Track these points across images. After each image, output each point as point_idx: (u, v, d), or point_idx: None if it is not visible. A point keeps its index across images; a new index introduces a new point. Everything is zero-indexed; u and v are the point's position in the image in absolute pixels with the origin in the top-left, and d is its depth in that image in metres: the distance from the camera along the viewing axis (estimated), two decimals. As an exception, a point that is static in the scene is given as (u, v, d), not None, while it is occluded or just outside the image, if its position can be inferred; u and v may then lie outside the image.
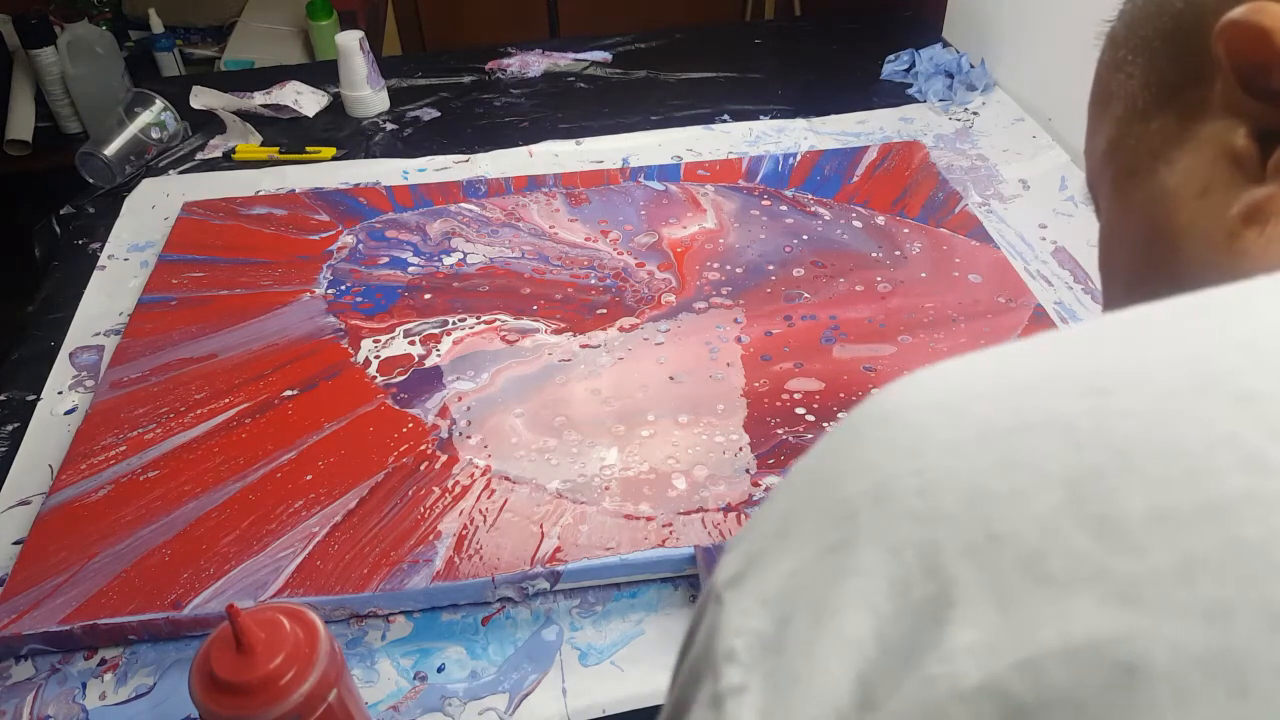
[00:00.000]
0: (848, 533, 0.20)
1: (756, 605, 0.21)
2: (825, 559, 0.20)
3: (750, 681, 0.20)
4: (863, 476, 0.21)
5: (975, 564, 0.18)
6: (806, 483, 0.22)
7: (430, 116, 1.19)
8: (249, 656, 0.46)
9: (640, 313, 0.85)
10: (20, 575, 0.64)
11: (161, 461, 0.72)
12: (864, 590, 0.19)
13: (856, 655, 0.18)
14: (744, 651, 0.20)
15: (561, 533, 0.65)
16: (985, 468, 0.19)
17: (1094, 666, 0.16)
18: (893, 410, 0.21)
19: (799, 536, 0.21)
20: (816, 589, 0.20)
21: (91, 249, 0.98)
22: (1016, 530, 0.18)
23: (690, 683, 0.22)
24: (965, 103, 1.17)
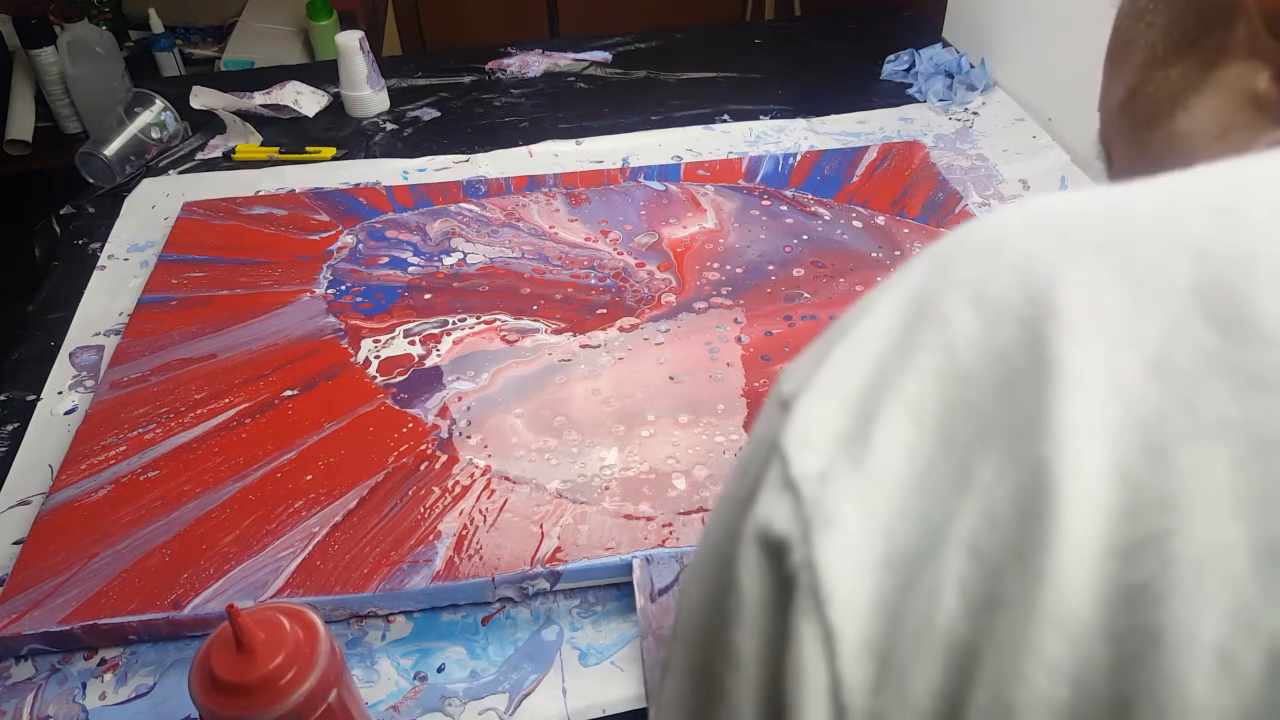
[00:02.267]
0: (932, 309, 0.19)
1: (829, 403, 0.19)
2: (903, 341, 0.19)
3: (834, 468, 0.18)
4: (955, 290, 0.19)
5: (1085, 354, 0.17)
6: (880, 302, 0.21)
7: (430, 116, 1.19)
8: (249, 656, 0.46)
9: (640, 313, 0.85)
10: (20, 575, 0.64)
11: (161, 461, 0.72)
12: (944, 353, 0.18)
13: (940, 432, 0.18)
14: (823, 440, 0.19)
15: (561, 533, 0.65)
16: (1103, 278, 0.18)
17: (1226, 451, 0.15)
18: (995, 235, 0.20)
19: (874, 335, 0.20)
20: (894, 375, 0.19)
21: (91, 249, 0.98)
22: (1138, 335, 0.17)
23: (744, 477, 0.20)
24: (965, 103, 1.17)
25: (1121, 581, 0.15)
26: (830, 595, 0.17)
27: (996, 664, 0.16)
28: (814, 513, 0.18)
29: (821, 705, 0.17)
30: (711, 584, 0.20)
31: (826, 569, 0.17)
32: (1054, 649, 0.15)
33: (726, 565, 0.20)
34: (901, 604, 0.17)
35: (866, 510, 0.18)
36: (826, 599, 0.17)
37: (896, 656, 0.17)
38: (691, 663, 0.21)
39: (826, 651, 0.17)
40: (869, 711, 0.17)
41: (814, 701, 0.17)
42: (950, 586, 0.16)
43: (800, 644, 0.17)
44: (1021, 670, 0.15)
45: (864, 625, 0.17)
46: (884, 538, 0.17)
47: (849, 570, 0.17)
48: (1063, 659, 0.15)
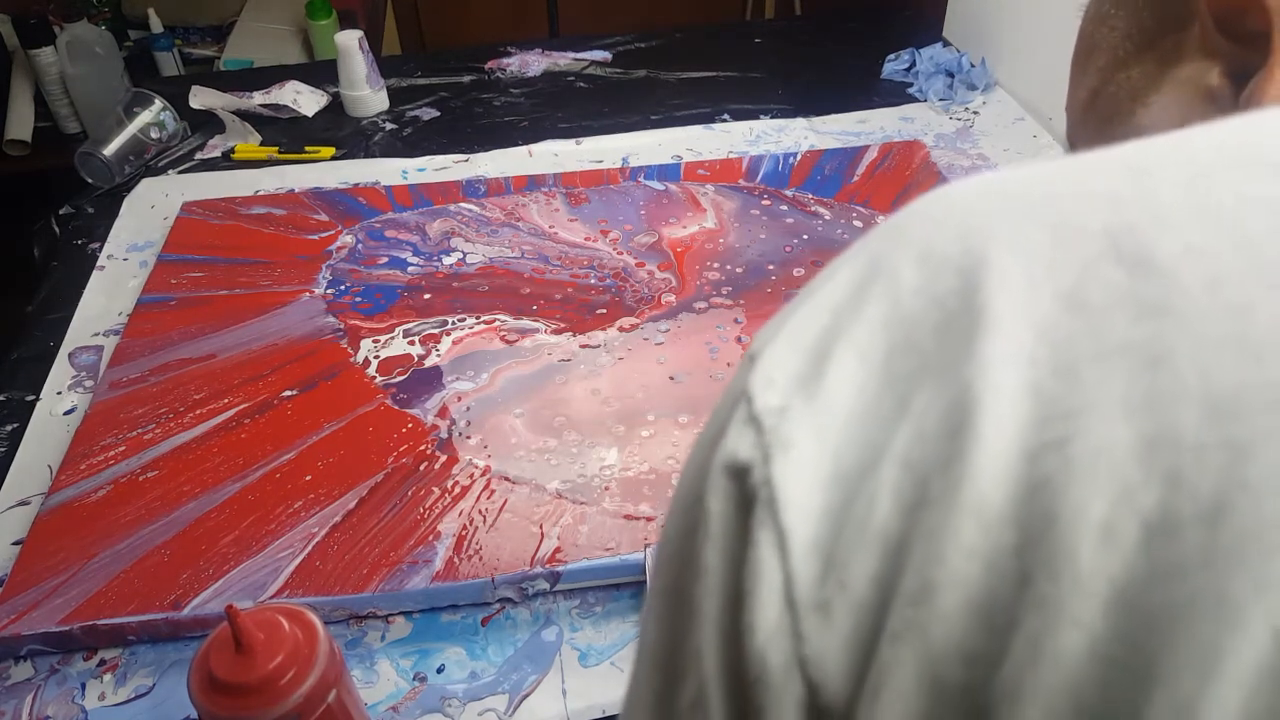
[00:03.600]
0: (884, 267, 0.22)
1: (790, 350, 0.22)
2: (856, 295, 0.21)
3: (791, 403, 0.21)
4: (904, 249, 0.22)
5: (1009, 295, 0.20)
6: (842, 267, 0.23)
7: (430, 116, 1.19)
8: (248, 657, 0.46)
9: (640, 313, 0.84)
10: (19, 576, 0.63)
11: (161, 462, 0.72)
12: (890, 303, 0.21)
13: (885, 369, 0.20)
14: (783, 380, 0.21)
15: (561, 533, 0.65)
16: (1030, 230, 0.21)
17: (1122, 367, 0.18)
18: (945, 202, 0.23)
19: (831, 293, 0.22)
20: (847, 323, 0.21)
21: (91, 249, 0.98)
22: (1056, 275, 0.20)
23: (715, 421, 0.23)
24: (966, 102, 1.17)
25: (1029, 478, 0.18)
26: (784, 505, 0.20)
27: (921, 551, 0.18)
28: (773, 440, 0.20)
29: (775, 597, 0.19)
30: (683, 516, 0.23)
31: (781, 484, 0.20)
32: (969, 535, 0.18)
33: (697, 497, 0.22)
34: (845, 512, 0.19)
35: (818, 436, 0.20)
36: (781, 508, 0.20)
37: (839, 554, 0.19)
38: (665, 585, 0.23)
39: (780, 553, 0.20)
40: (814, 601, 0.19)
41: (768, 595, 0.19)
42: (886, 493, 0.19)
43: (757, 547, 0.20)
44: (942, 554, 0.18)
45: (812, 530, 0.19)
46: (832, 459, 0.20)
47: (801, 485, 0.20)
48: (976, 542, 0.18)
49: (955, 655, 0.18)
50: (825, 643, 0.19)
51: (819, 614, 0.19)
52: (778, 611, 0.19)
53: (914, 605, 0.18)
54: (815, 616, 0.19)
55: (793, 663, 0.19)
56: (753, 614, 0.20)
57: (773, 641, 0.19)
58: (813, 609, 0.19)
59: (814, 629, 0.19)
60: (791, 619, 0.19)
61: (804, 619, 0.19)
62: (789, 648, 0.19)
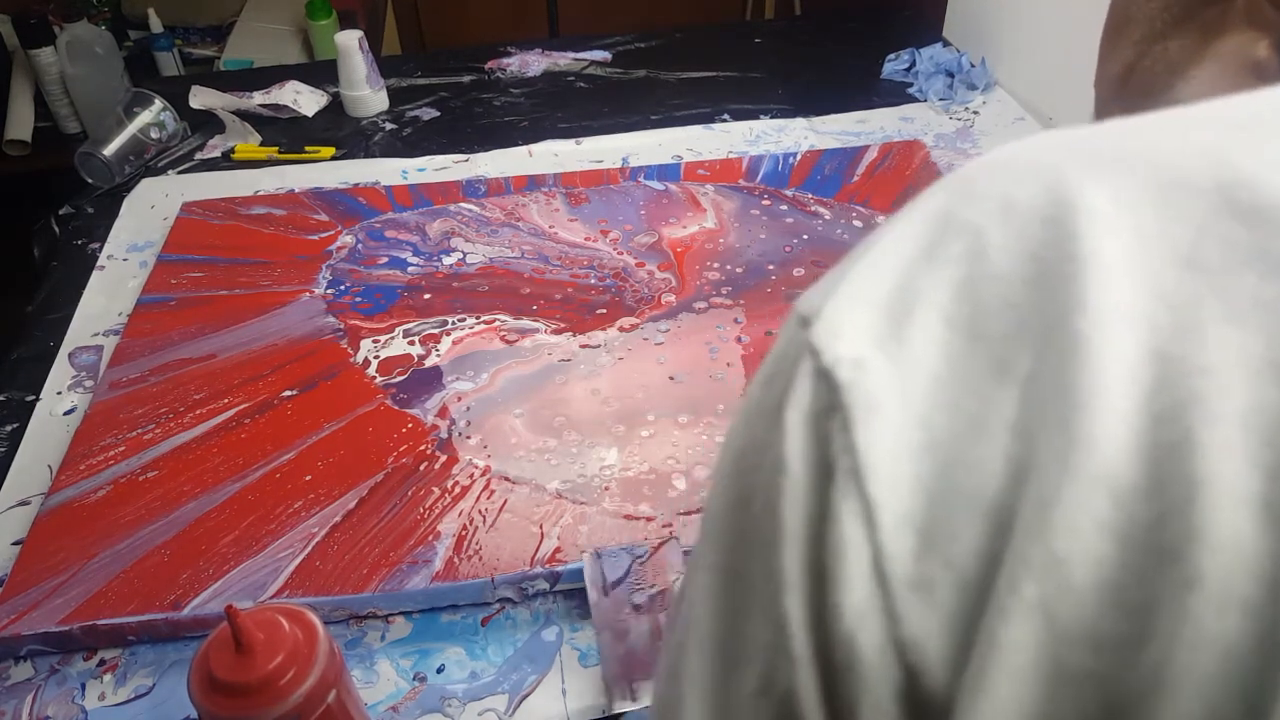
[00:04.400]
0: (958, 222, 0.20)
1: (858, 307, 0.20)
2: (930, 254, 0.20)
3: (869, 359, 0.19)
4: (980, 203, 0.20)
5: (1116, 245, 0.18)
6: (903, 225, 0.21)
7: (430, 116, 1.19)
8: (248, 657, 0.45)
9: (640, 312, 0.84)
10: (19, 576, 0.63)
11: (161, 462, 0.72)
12: (972, 260, 0.19)
13: (975, 331, 0.19)
14: (854, 335, 0.19)
15: (561, 533, 0.65)
16: (1128, 184, 0.19)
17: (1259, 326, 0.17)
18: (1014, 155, 0.21)
19: (898, 252, 0.20)
20: (923, 284, 0.20)
21: (91, 249, 0.98)
22: (1167, 232, 0.18)
23: (769, 388, 0.21)
24: (966, 102, 1.17)
25: (1163, 444, 0.16)
26: (870, 474, 0.18)
27: (1040, 524, 0.16)
28: (853, 399, 0.19)
29: (863, 574, 0.18)
30: (738, 483, 0.21)
31: (867, 452, 0.18)
32: (1100, 507, 0.16)
33: (756, 465, 0.20)
34: (942, 483, 0.18)
35: (903, 401, 0.18)
36: (867, 478, 0.18)
37: (940, 527, 0.18)
38: (719, 563, 0.22)
39: (867, 527, 0.18)
40: (911, 579, 0.18)
41: (856, 571, 0.18)
42: (995, 461, 0.17)
43: (840, 521, 0.18)
44: (1069, 527, 0.16)
45: (904, 502, 0.18)
46: (920, 426, 0.18)
47: (889, 453, 0.18)
48: (1108, 515, 0.16)
49: (1084, 639, 0.16)
50: (926, 624, 0.17)
51: (918, 592, 0.17)
52: (866, 590, 0.18)
53: (1035, 582, 0.16)
54: (913, 595, 0.17)
55: (888, 646, 0.18)
56: (837, 593, 0.18)
57: (863, 623, 0.18)
58: (910, 587, 0.17)
59: (912, 609, 0.17)
60: (884, 598, 0.18)
61: (899, 598, 0.17)
62: (883, 629, 0.18)
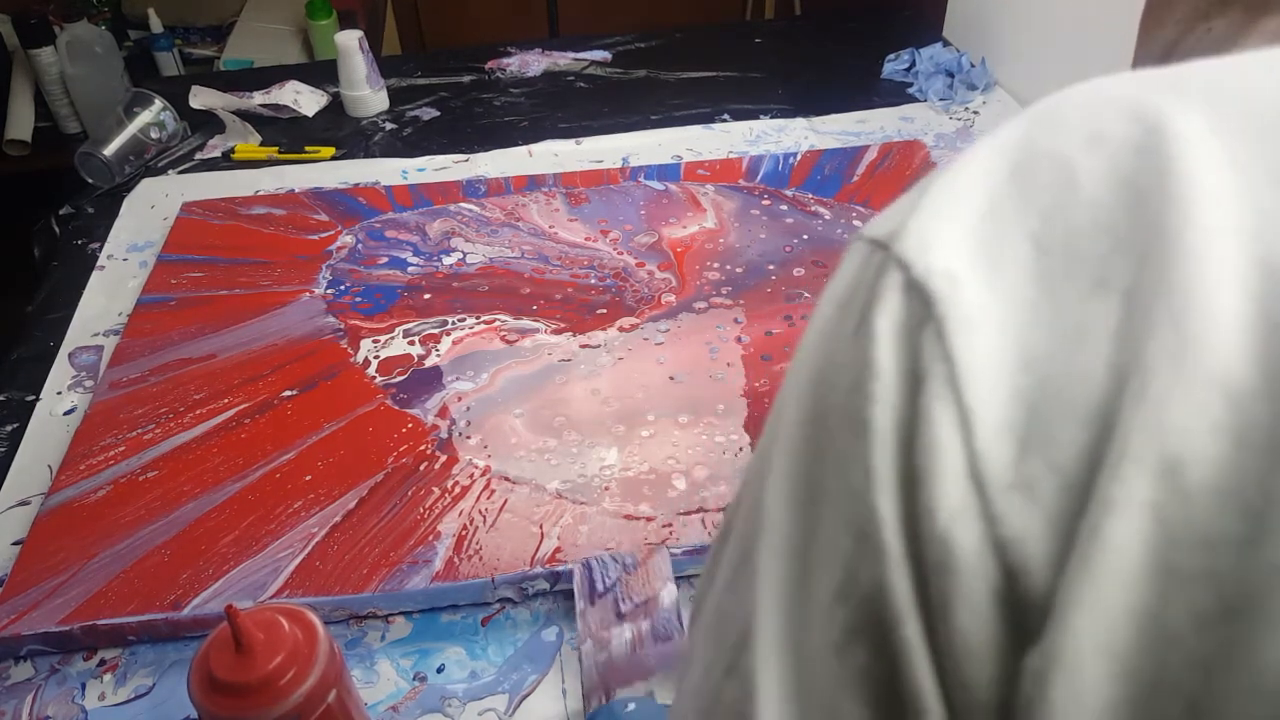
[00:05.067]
0: (1045, 152, 0.20)
1: (947, 226, 0.20)
2: (1018, 183, 0.20)
3: (961, 274, 0.19)
4: (1067, 134, 0.20)
5: (1213, 170, 0.18)
6: (983, 157, 0.21)
7: (430, 116, 1.19)
8: (248, 657, 0.45)
9: (640, 312, 0.84)
10: (19, 576, 0.63)
11: (160, 462, 0.72)
12: (1064, 188, 0.19)
13: (1071, 255, 0.19)
14: (944, 250, 0.19)
15: (561, 533, 0.65)
16: (1218, 115, 0.19)
17: None
18: (1093, 90, 0.21)
19: (983, 181, 0.20)
20: (1012, 211, 0.19)
21: (91, 249, 0.98)
22: (1262, 150, 0.18)
23: (846, 310, 0.21)
24: (966, 102, 1.17)
25: (1276, 345, 0.16)
26: (967, 383, 0.18)
27: (1152, 427, 0.17)
28: (948, 310, 0.19)
29: (958, 477, 0.18)
30: (814, 403, 0.21)
31: (963, 362, 0.18)
32: (1216, 409, 0.16)
33: (832, 383, 0.21)
34: (1040, 393, 0.18)
35: (999, 317, 0.18)
36: (964, 387, 0.18)
37: (1039, 434, 0.18)
38: (796, 469, 0.22)
39: (963, 432, 0.18)
40: (1011, 481, 0.18)
41: (950, 474, 0.18)
42: (1097, 368, 0.17)
43: (934, 425, 0.18)
44: (1183, 429, 0.16)
45: (1001, 412, 0.18)
46: (1016, 343, 0.18)
47: (985, 365, 0.18)
48: (1224, 418, 0.16)
49: (1197, 539, 0.16)
50: (1028, 523, 0.17)
51: (1019, 494, 0.18)
52: (962, 492, 0.18)
53: (1146, 482, 0.16)
54: (1014, 496, 0.18)
55: (986, 545, 0.18)
56: (931, 493, 0.18)
57: (958, 523, 0.18)
58: (1009, 489, 0.18)
59: (1013, 510, 0.18)
60: (980, 500, 0.18)
61: (997, 500, 0.18)
62: (981, 530, 0.18)
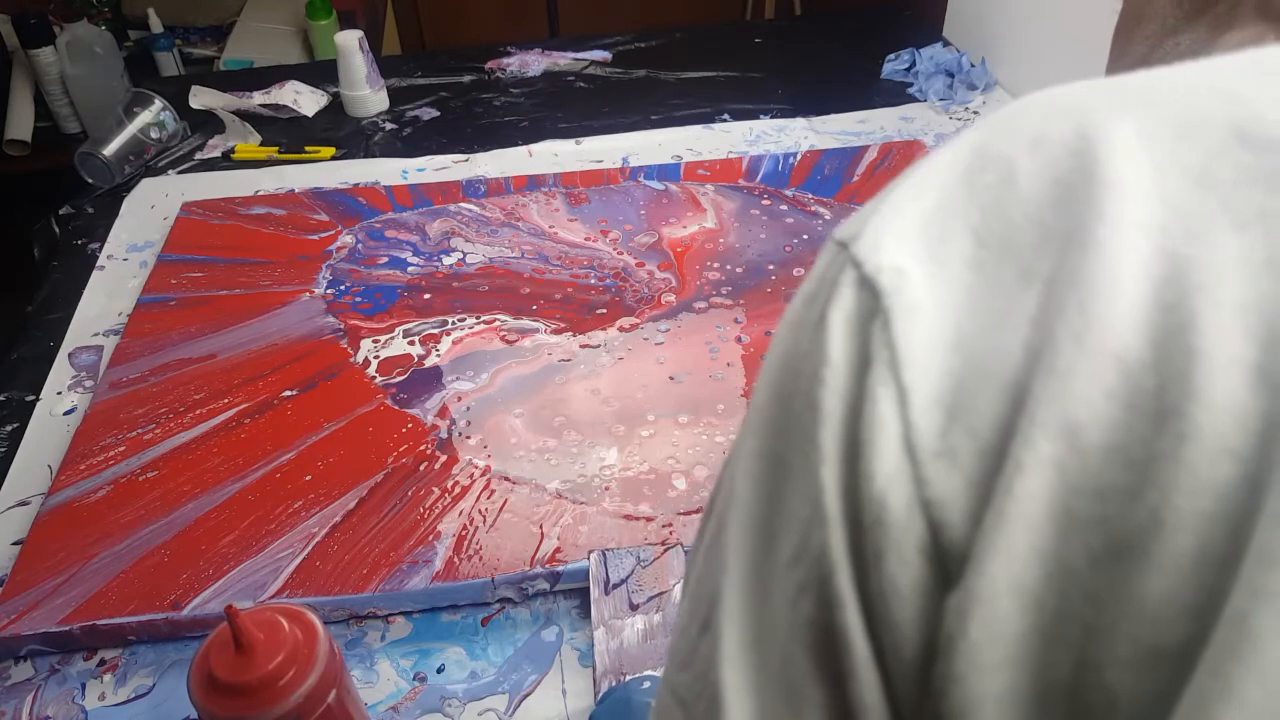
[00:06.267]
0: (992, 154, 0.22)
1: (899, 226, 0.22)
2: (966, 182, 0.22)
3: (908, 268, 0.21)
4: (1013, 138, 0.22)
5: (1134, 169, 0.20)
6: (939, 159, 0.23)
7: (430, 116, 1.19)
8: (248, 657, 0.45)
9: (640, 312, 0.84)
10: (19, 576, 0.63)
11: (160, 462, 0.72)
12: (1003, 186, 0.21)
13: (1004, 246, 0.21)
14: (895, 247, 0.22)
15: (561, 533, 0.65)
16: (1149, 119, 0.21)
17: (1262, 232, 0.18)
18: (1047, 97, 0.23)
19: (935, 181, 0.22)
20: (957, 206, 0.22)
21: (90, 249, 0.98)
22: (1181, 158, 0.20)
23: (811, 304, 0.23)
24: (966, 102, 1.17)
25: (1167, 323, 0.18)
26: (905, 364, 0.20)
27: (1056, 394, 0.19)
28: (893, 302, 0.21)
29: (894, 446, 0.20)
30: (780, 377, 0.23)
31: (903, 347, 0.20)
32: (1110, 378, 0.19)
33: (795, 369, 0.23)
34: (966, 370, 0.20)
35: (938, 306, 0.21)
36: (902, 367, 0.20)
37: (964, 404, 0.20)
38: (761, 449, 0.24)
39: (900, 407, 0.20)
40: (937, 449, 0.20)
41: (888, 445, 0.20)
42: (1015, 347, 0.20)
43: (876, 402, 0.20)
44: (1084, 395, 0.18)
45: (933, 386, 0.20)
46: (952, 327, 0.20)
47: (923, 346, 0.20)
48: (1116, 385, 0.18)
49: (1090, 489, 0.18)
50: (949, 485, 0.20)
51: (943, 460, 0.20)
52: (896, 459, 0.20)
53: (1050, 442, 0.18)
54: (939, 462, 0.20)
55: (914, 505, 0.20)
56: (870, 462, 0.20)
57: (892, 486, 0.20)
58: (935, 456, 0.20)
59: (938, 474, 0.20)
60: (911, 465, 0.20)
61: (926, 465, 0.20)
62: (910, 492, 0.20)
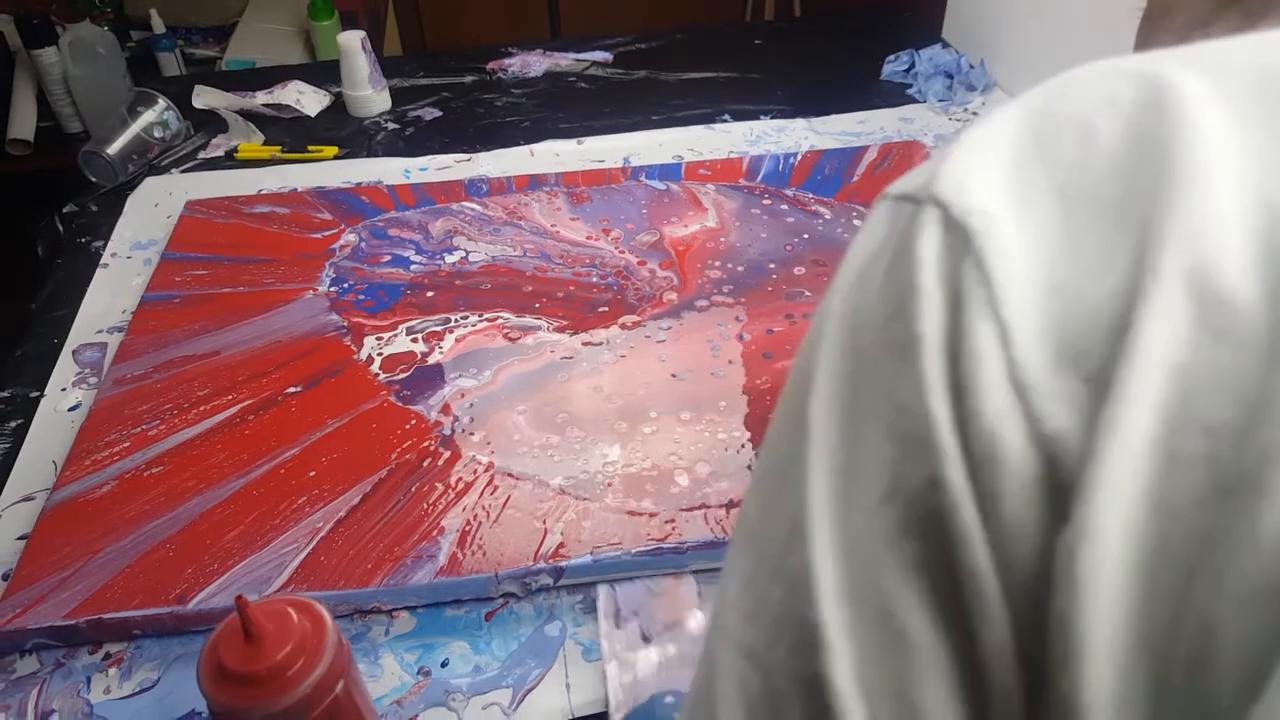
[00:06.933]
0: (1063, 116, 0.22)
1: (978, 178, 0.21)
2: (1038, 145, 0.22)
3: (1000, 213, 0.21)
4: (1083, 101, 0.22)
5: (1224, 125, 0.20)
6: (1002, 124, 0.23)
7: (432, 116, 1.20)
8: (257, 647, 0.46)
9: (642, 310, 0.85)
10: (25, 570, 0.64)
11: (165, 457, 0.72)
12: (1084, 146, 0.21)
13: (1093, 199, 0.20)
14: (981, 192, 0.21)
15: (564, 528, 0.65)
16: (1221, 77, 0.21)
17: None
18: (1105, 64, 0.23)
19: (1005, 144, 0.22)
20: (1033, 170, 0.21)
21: (94, 247, 0.99)
22: (1264, 113, 0.20)
23: (882, 251, 0.22)
24: (965, 103, 1.17)
25: (1275, 267, 0.18)
26: (1004, 301, 0.20)
27: (1162, 334, 0.19)
28: (987, 244, 0.21)
29: (1001, 383, 0.20)
30: (852, 334, 0.23)
31: (1001, 285, 0.20)
32: (1218, 316, 0.18)
33: (869, 316, 0.22)
34: (1069, 311, 0.20)
35: (1030, 254, 0.20)
36: (1000, 305, 0.20)
37: (1070, 344, 0.20)
38: (838, 391, 0.23)
39: (1002, 344, 0.20)
40: (1049, 387, 0.19)
41: (993, 381, 0.20)
42: (1118, 290, 0.19)
43: (976, 337, 0.20)
44: (1190, 340, 0.18)
45: (1036, 325, 0.20)
46: (1047, 272, 0.20)
47: (1020, 289, 0.20)
48: (1226, 325, 0.18)
49: (1197, 427, 0.18)
50: (1064, 421, 0.19)
51: (1055, 398, 0.19)
52: (1005, 395, 0.20)
53: (1157, 380, 0.18)
54: (1051, 400, 0.19)
55: (1030, 440, 0.19)
56: (978, 399, 0.20)
57: (1004, 421, 0.20)
58: (1048, 394, 0.19)
59: (1052, 410, 0.19)
60: (1021, 402, 0.20)
61: (1039, 402, 0.19)
62: (1025, 428, 0.19)
